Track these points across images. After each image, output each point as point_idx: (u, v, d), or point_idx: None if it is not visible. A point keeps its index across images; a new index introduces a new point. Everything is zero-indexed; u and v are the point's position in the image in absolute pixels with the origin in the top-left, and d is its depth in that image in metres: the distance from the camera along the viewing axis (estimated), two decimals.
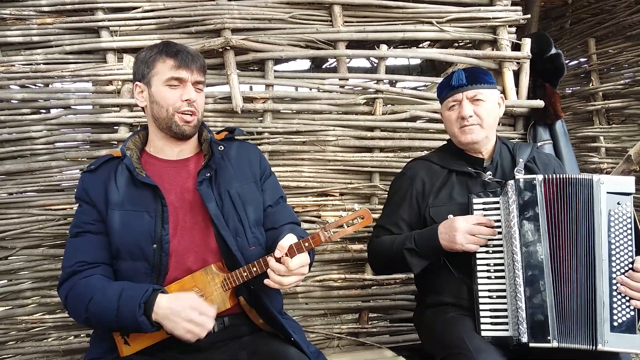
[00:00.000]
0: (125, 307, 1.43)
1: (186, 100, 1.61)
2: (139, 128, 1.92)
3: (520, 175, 1.71)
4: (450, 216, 1.76)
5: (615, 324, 1.53)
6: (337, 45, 2.42)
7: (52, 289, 2.24)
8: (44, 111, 2.28)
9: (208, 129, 1.74)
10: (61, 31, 2.27)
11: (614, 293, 1.54)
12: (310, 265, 1.57)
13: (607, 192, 1.58)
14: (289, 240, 1.49)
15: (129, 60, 2.22)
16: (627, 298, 1.54)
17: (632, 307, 1.53)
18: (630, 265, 1.55)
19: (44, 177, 2.24)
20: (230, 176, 1.67)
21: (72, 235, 1.61)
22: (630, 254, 1.56)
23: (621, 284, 1.54)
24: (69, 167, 2.24)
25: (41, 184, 2.23)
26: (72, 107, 2.26)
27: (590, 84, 3.65)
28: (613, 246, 1.56)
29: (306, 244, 1.46)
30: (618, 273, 1.55)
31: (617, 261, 1.56)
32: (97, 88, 2.26)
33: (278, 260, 1.46)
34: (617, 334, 1.52)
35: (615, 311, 1.54)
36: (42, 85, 2.32)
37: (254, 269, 1.50)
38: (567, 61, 3.57)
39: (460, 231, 1.66)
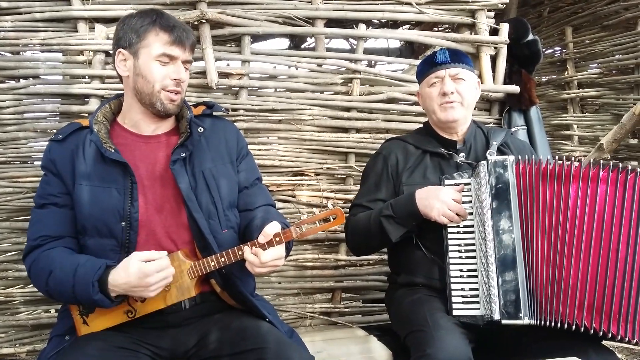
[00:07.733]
0: (79, 285, 1.41)
1: (175, 79, 1.56)
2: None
3: (493, 157, 1.73)
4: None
5: None
6: (315, 23, 2.38)
7: (19, 262, 2.18)
8: (12, 80, 2.21)
9: (188, 106, 1.67)
10: None
11: None
12: (286, 256, 1.53)
13: None
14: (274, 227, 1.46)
15: (101, 30, 2.15)
16: None
17: None
18: None
19: (11, 148, 2.18)
20: (206, 157, 1.63)
21: (37, 206, 1.58)
22: None
23: None
24: (37, 138, 2.18)
25: (9, 155, 2.18)
26: (41, 76, 2.20)
27: (566, 73, 3.69)
28: None
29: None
30: None
31: None
32: (67, 58, 2.20)
33: (262, 246, 1.44)
34: None
35: None
36: (11, 54, 2.25)
37: (222, 259, 1.48)
38: (543, 49, 3.59)
39: (440, 201, 1.68)
